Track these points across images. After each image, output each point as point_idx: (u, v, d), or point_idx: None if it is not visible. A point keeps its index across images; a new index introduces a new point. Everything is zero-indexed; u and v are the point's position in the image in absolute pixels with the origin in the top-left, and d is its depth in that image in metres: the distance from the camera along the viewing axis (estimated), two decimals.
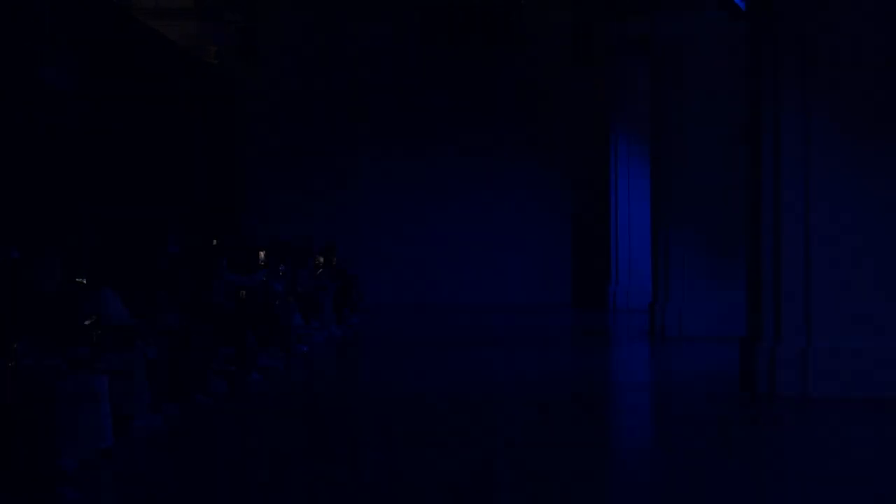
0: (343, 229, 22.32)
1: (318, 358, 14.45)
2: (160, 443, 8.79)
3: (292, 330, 14.54)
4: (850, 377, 10.01)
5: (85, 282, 9.26)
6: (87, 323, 8.57)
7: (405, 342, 16.32)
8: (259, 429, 9.82)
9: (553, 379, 12.24)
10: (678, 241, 15.69)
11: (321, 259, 18.45)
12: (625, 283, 21.23)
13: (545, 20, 23.21)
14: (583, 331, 18.60)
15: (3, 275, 8.53)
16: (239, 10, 21.40)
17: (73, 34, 12.98)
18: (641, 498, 6.98)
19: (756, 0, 10.72)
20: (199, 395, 10.23)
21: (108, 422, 8.03)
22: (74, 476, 7.21)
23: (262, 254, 14.58)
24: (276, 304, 14.00)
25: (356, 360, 14.81)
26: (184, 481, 7.61)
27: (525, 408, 10.28)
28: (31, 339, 7.58)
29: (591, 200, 22.77)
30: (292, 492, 7.13)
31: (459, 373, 12.62)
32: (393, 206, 23.26)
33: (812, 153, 10.17)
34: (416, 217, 23.28)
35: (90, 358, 8.35)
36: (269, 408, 11.02)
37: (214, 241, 14.96)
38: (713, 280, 15.53)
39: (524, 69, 23.24)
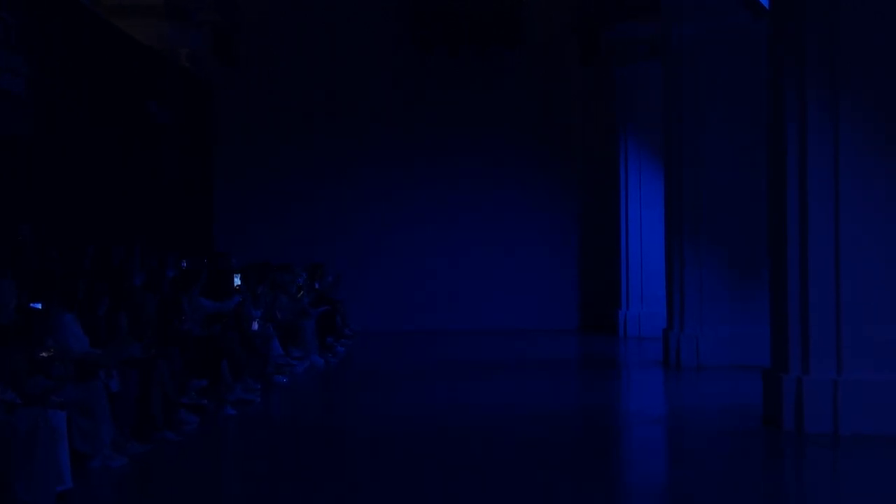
0: (327, 249, 22.26)
1: (298, 391, 14.36)
2: (124, 485, 8.69)
3: (270, 360, 14.47)
4: (886, 412, 9.93)
5: (41, 308, 9.18)
6: (44, 355, 8.49)
7: (395, 373, 16.23)
8: (234, 469, 9.73)
9: (558, 412, 12.17)
10: (695, 262, 15.64)
11: (303, 282, 18.37)
12: (636, 308, 21.17)
13: (548, 23, 23.22)
14: (590, 359, 18.52)
15: None
16: (214, 10, 21.34)
17: (28, 34, 12.92)
18: None
19: None
20: (168, 431, 10.15)
21: (66, 462, 7.96)
22: None
23: (237, 276, 14.49)
24: (252, 331, 13.92)
25: (340, 394, 14.71)
26: None
27: (526, 444, 10.20)
28: None
29: (599, 217, 22.74)
30: None
31: (454, 406, 12.54)
32: (384, 225, 23.20)
33: (842, 163, 10.12)
34: (408, 236, 23.21)
35: (47, 391, 8.27)
36: (245, 446, 10.93)
37: (184, 263, 14.88)
38: (734, 304, 15.47)
39: (526, 75, 23.24)
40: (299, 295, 17.67)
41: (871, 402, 9.96)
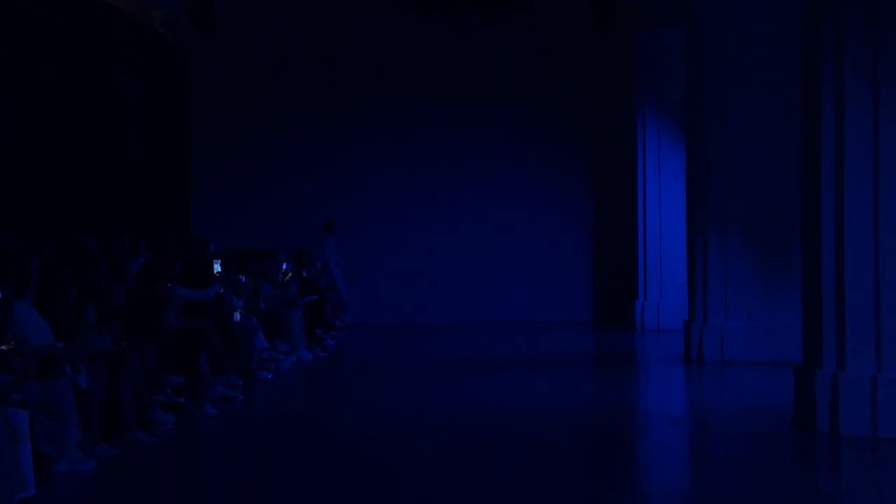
0: (316, 235, 22.21)
1: (284, 388, 14.35)
2: (92, 491, 8.66)
3: (254, 354, 14.45)
4: None
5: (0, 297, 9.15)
6: (3, 348, 8.46)
7: (391, 369, 16.22)
8: (213, 474, 9.71)
9: (569, 412, 12.17)
10: (719, 247, 15.59)
11: (289, 269, 18.35)
12: (655, 298, 21.18)
13: None
14: (605, 354, 18.52)
15: None
16: None
17: None
18: None
19: None
20: (141, 432, 10.14)
21: (29, 466, 7.94)
22: None
23: (217, 263, 14.48)
24: (234, 323, 13.90)
25: (330, 392, 14.71)
26: None
27: (534, 447, 10.19)
28: None
29: (614, 198, 22.70)
30: None
31: (456, 406, 12.53)
32: (379, 208, 23.14)
33: (882, 140, 10.07)
34: (407, 220, 23.19)
35: (7, 389, 8.24)
36: (226, 448, 10.92)
37: (158, 248, 14.86)
38: (762, 293, 15.45)
39: (534, 43, 23.15)
40: (286, 278, 17.64)
41: None
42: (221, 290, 13.85)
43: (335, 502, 8.37)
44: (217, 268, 14.29)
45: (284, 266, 18.09)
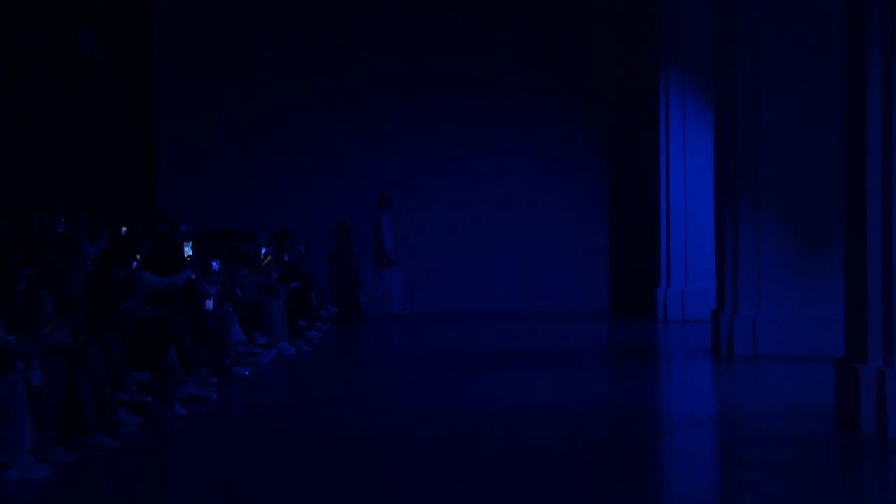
0: (302, 215, 22.21)
1: (263, 385, 14.35)
2: (47, 501, 8.64)
3: (229, 348, 14.46)
4: None
5: None
6: None
7: (383, 364, 16.23)
8: (183, 482, 9.70)
9: (584, 412, 12.18)
10: (752, 227, 15.59)
11: (270, 253, 18.36)
12: (679, 285, 21.22)
13: None
14: (624, 346, 18.55)
15: None
16: None
17: None
18: None
19: None
20: (102, 435, 10.12)
21: None
22: None
23: (188, 246, 14.46)
24: (206, 312, 13.90)
25: (313, 390, 14.72)
26: None
27: (545, 451, 10.19)
28: None
29: (634, 172, 22.70)
30: None
31: (456, 406, 12.54)
32: (374, 185, 23.07)
33: None
34: (404, 199, 23.14)
35: None
36: (197, 453, 10.91)
37: (124, 229, 14.85)
38: (799, 279, 15.46)
39: (546, 12, 23.08)
40: (266, 263, 17.62)
41: None
42: (193, 276, 13.84)
43: None
44: (188, 251, 14.27)
45: (264, 250, 18.09)
